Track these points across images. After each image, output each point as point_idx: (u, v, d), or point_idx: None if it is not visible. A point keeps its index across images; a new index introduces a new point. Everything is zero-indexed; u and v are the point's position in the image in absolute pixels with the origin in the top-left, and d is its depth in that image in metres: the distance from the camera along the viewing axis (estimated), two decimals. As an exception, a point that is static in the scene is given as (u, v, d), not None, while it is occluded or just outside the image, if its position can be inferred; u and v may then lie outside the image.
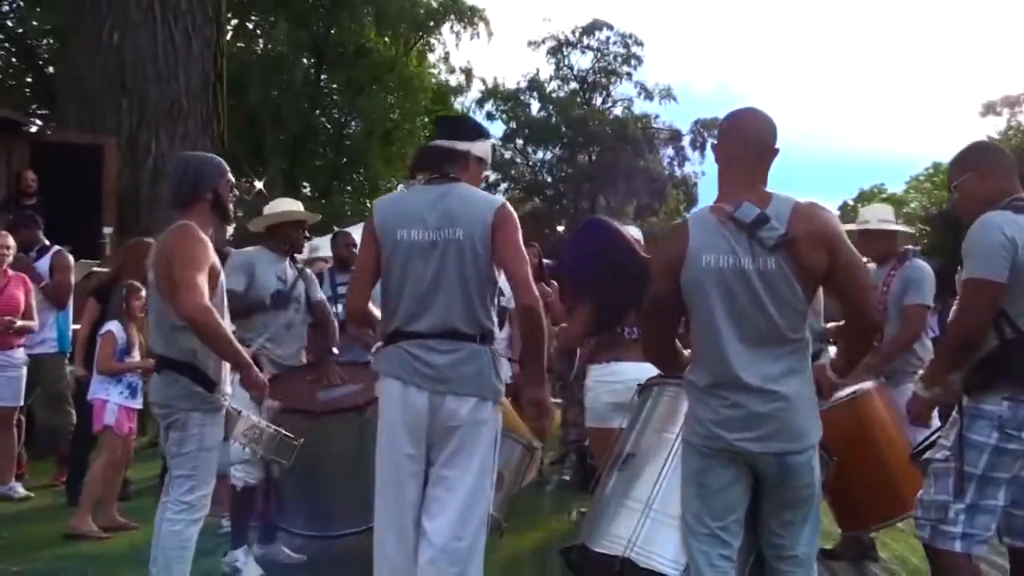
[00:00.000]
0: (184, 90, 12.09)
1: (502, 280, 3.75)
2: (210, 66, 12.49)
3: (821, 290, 3.70)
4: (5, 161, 10.76)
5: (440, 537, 3.53)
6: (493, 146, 4.28)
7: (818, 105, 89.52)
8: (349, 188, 29.13)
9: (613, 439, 4.09)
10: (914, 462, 4.10)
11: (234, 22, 27.97)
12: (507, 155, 36.07)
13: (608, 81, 35.62)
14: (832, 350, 5.06)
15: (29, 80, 23.88)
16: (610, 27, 35.36)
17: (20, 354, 7.43)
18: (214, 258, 4.09)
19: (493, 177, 36.50)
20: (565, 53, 35.62)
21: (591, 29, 35.45)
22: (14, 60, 25.65)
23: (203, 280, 3.92)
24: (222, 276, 4.20)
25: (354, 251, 7.62)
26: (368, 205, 24.95)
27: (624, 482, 3.69)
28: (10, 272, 7.42)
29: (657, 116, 35.85)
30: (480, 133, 3.82)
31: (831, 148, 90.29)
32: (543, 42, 35.93)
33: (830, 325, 5.42)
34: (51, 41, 22.71)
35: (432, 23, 27.85)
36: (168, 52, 12.05)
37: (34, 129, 11.22)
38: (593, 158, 34.28)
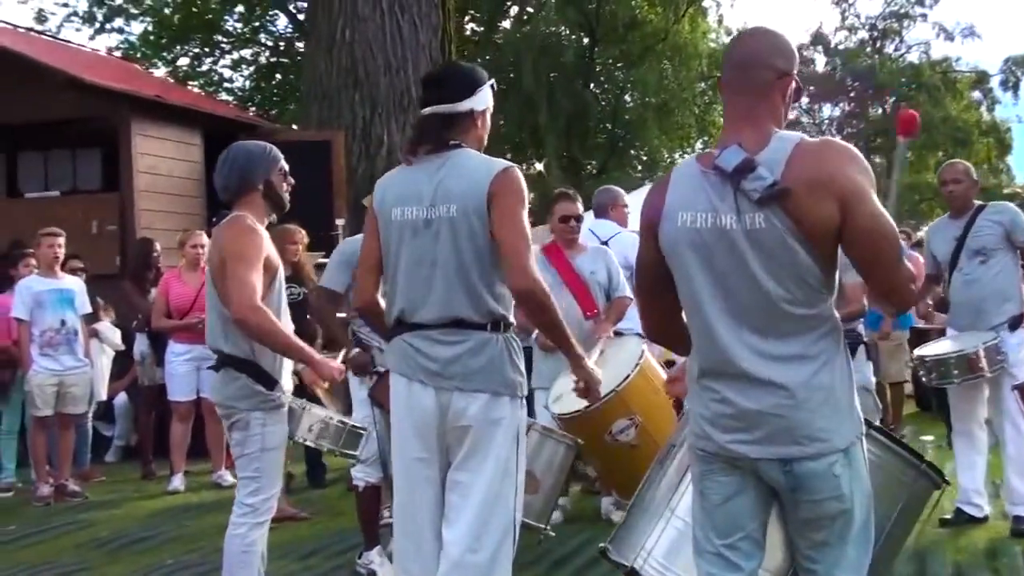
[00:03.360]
0: (413, 79, 12.17)
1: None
2: (438, 54, 12.53)
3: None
4: (245, 163, 11.33)
5: (455, 549, 3.17)
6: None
7: None
8: (635, 163, 28.81)
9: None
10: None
11: (514, 10, 28.42)
12: (792, 115, 34.22)
13: (901, 25, 33.02)
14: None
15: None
16: (901, -34, 32.84)
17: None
18: (270, 250, 3.96)
19: (777, 139, 34.89)
20: (850, 1, 33.42)
21: (880, -29, 33.07)
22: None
23: (254, 276, 3.79)
24: (280, 270, 4.06)
25: None
26: (649, 179, 24.57)
27: (661, 479, 3.19)
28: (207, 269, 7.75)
29: (959, 58, 32.84)
30: (478, 81, 3.32)
31: None
32: (826, -10, 33.98)
33: None
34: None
35: (704, -14, 26.87)
36: (396, 43, 12.21)
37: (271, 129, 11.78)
38: (887, 110, 31.90)
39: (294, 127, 18.73)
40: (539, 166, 28.09)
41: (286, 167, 4.10)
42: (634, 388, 5.39)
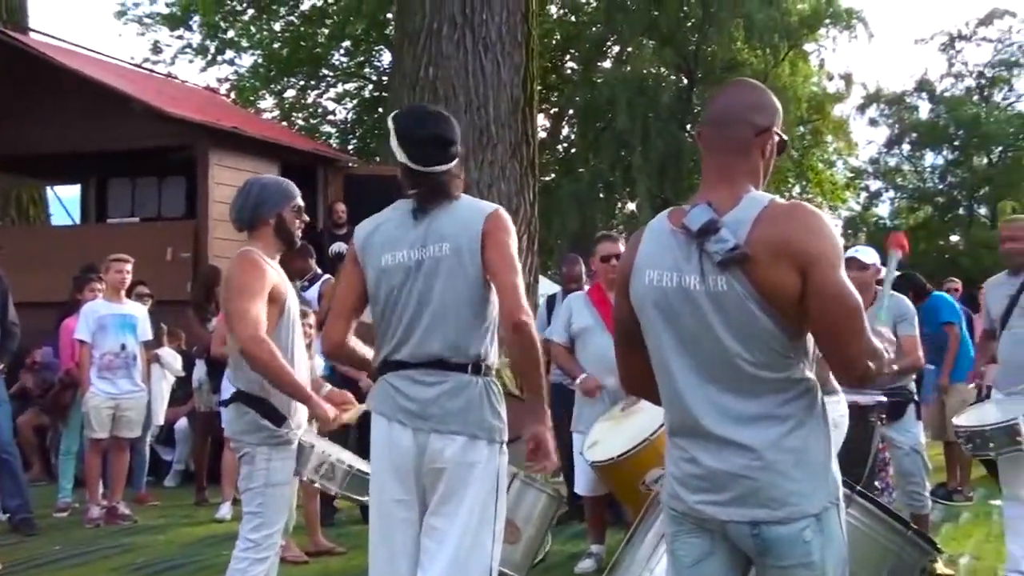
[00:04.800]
0: (492, 117, 12.25)
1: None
2: (519, 92, 12.56)
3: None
4: (323, 195, 11.53)
5: None
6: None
7: None
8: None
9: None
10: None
11: (615, 50, 28.48)
12: (891, 163, 33.55)
13: (1010, 74, 31.97)
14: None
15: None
16: (1012, 14, 31.78)
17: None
18: (277, 282, 3.96)
19: (875, 186, 34.15)
20: (958, 48, 32.58)
21: (989, 19, 32.04)
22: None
23: (256, 309, 3.79)
24: (290, 300, 4.05)
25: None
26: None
27: (645, 537, 3.10)
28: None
29: (1073, 108, 31.62)
30: (455, 141, 3.35)
31: None
32: (932, 38, 33.22)
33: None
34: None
35: (805, 30, 26.53)
36: (478, 81, 12.27)
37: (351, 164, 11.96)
38: (992, 160, 30.95)
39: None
40: (631, 206, 28.03)
41: (301, 204, 4.12)
42: (669, 437, 5.27)
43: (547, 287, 13.53)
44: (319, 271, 8.94)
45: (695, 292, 2.40)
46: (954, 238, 31.60)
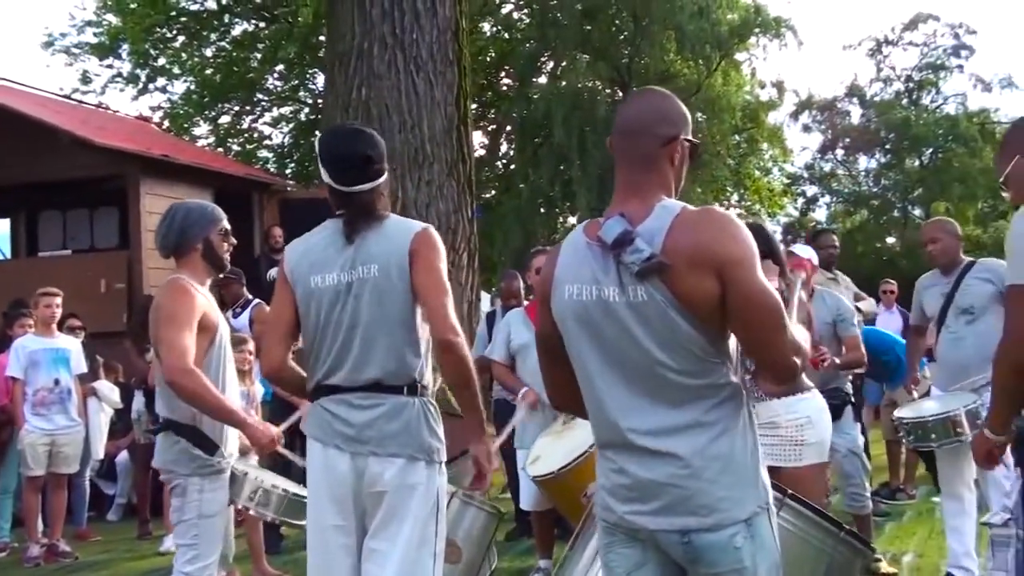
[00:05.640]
0: (427, 136, 12.22)
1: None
2: (453, 110, 12.54)
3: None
4: (258, 220, 11.43)
5: None
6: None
7: None
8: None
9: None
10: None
11: (550, 65, 28.61)
12: (826, 168, 34.07)
13: (936, 77, 32.64)
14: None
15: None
16: (936, 18, 32.47)
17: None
18: (207, 309, 3.92)
19: (812, 192, 34.64)
20: (885, 53, 33.18)
21: (914, 23, 32.69)
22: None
23: (185, 339, 3.75)
24: (222, 327, 4.01)
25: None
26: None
27: (581, 554, 3.10)
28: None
29: (997, 109, 32.23)
30: (378, 159, 3.33)
31: None
32: (860, 44, 33.81)
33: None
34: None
35: (736, 40, 26.85)
36: (411, 101, 12.22)
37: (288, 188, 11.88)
38: (924, 161, 31.54)
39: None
40: (572, 220, 28.13)
41: (227, 227, 4.08)
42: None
43: (490, 304, 13.52)
44: (250, 297, 8.83)
45: (615, 304, 2.40)
46: (890, 240, 32.10)
